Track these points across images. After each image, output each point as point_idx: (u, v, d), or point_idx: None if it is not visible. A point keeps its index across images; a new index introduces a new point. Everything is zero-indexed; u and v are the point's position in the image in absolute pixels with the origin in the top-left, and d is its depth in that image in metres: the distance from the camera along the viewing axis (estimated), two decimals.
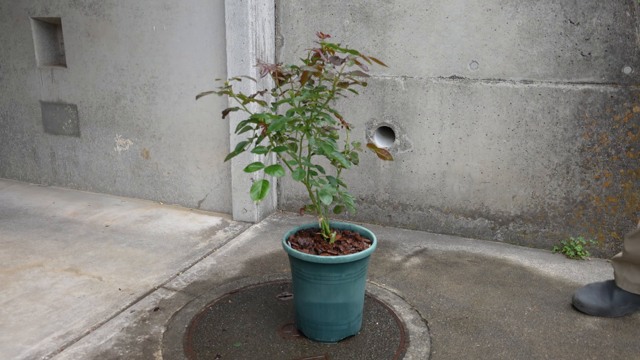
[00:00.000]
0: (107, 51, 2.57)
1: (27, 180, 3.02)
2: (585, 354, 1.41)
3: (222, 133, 2.41)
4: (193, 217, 2.46)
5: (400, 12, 2.14)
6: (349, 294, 1.41)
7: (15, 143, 2.99)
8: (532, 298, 1.71)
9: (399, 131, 2.24)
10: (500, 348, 1.44)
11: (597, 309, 1.60)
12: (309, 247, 1.45)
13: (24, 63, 2.81)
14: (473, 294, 1.74)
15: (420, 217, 2.30)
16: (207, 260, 2.00)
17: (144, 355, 1.39)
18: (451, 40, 2.09)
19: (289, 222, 2.40)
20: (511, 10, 1.98)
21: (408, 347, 1.43)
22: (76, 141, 2.79)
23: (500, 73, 2.04)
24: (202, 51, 2.35)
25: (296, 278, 1.44)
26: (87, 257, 2.01)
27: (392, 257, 2.02)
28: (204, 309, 1.63)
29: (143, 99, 2.55)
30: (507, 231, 2.17)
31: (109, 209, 2.57)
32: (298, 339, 1.47)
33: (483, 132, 2.11)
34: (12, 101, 2.91)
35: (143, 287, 1.78)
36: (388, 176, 2.31)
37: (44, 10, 2.67)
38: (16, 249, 2.08)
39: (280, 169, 1.27)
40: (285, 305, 1.65)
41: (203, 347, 1.43)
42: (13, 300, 1.68)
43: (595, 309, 1.61)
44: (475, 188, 2.18)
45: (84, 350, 1.42)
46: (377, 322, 1.56)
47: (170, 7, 2.37)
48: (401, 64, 2.18)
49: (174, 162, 2.57)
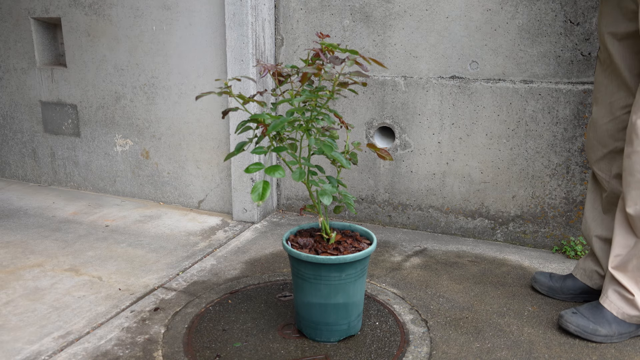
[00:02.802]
0: (107, 51, 2.57)
1: (27, 180, 3.02)
2: (585, 354, 1.41)
3: (222, 133, 2.41)
4: (193, 217, 2.46)
5: (400, 12, 2.14)
6: (349, 294, 1.41)
7: (15, 143, 2.99)
8: (532, 298, 1.71)
9: (399, 131, 2.24)
10: (500, 348, 1.44)
11: (547, 287, 1.72)
12: (309, 247, 1.45)
13: (24, 63, 2.81)
14: (473, 294, 1.74)
15: (420, 217, 2.30)
16: (207, 260, 2.00)
17: (144, 355, 1.39)
18: (451, 40, 2.09)
19: (289, 222, 2.40)
20: (511, 10, 1.98)
21: (408, 347, 1.43)
22: (76, 141, 2.79)
23: (500, 73, 2.04)
24: (202, 51, 2.35)
25: (296, 278, 1.44)
26: (87, 257, 2.01)
27: (392, 257, 2.02)
28: (204, 309, 1.63)
29: (143, 99, 2.55)
30: (507, 231, 2.17)
31: (109, 209, 2.57)
32: (298, 339, 1.47)
33: (483, 132, 2.11)
34: (12, 101, 2.91)
35: (143, 287, 1.78)
36: (388, 176, 2.31)
37: (44, 10, 2.67)
38: (16, 249, 2.08)
39: (281, 170, 1.27)
40: (285, 305, 1.65)
41: (203, 347, 1.43)
42: (13, 300, 1.68)
43: (545, 286, 1.72)
44: (475, 188, 2.18)
45: (84, 350, 1.42)
46: (377, 322, 1.56)
47: (170, 7, 2.37)
48: (401, 64, 2.18)
49: (174, 162, 2.57)
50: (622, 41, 1.45)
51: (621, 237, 1.46)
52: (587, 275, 1.67)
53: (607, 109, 1.53)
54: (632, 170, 1.38)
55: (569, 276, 1.72)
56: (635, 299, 1.43)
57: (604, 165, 1.58)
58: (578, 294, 1.69)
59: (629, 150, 1.39)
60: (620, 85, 1.49)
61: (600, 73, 1.55)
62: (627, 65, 1.46)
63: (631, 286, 1.43)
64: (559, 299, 1.71)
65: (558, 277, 1.73)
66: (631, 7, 1.40)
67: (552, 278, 1.73)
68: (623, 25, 1.44)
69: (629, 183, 1.40)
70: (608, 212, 1.62)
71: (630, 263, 1.43)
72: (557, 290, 1.71)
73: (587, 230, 1.67)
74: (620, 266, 1.46)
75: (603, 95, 1.54)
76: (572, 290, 1.69)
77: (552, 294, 1.72)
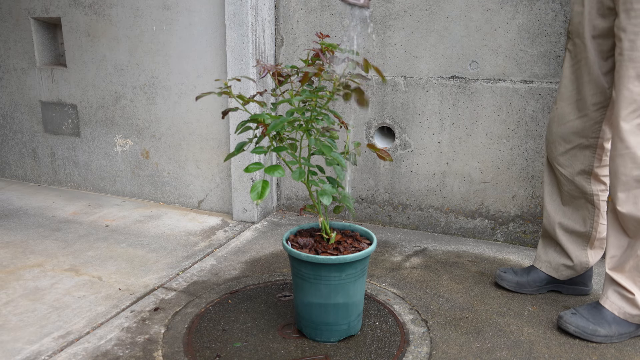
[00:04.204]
0: (107, 51, 2.57)
1: (27, 180, 3.02)
2: (585, 354, 1.41)
3: (222, 133, 2.41)
4: (193, 217, 2.46)
5: (400, 12, 2.14)
6: (349, 294, 1.41)
7: (15, 143, 2.99)
8: (532, 298, 1.71)
9: (399, 131, 2.25)
10: (500, 348, 1.44)
11: (515, 282, 1.73)
12: (309, 247, 1.45)
13: (24, 63, 2.81)
14: (473, 294, 1.74)
15: (420, 217, 2.30)
16: (207, 260, 2.00)
17: (144, 355, 1.39)
18: (451, 40, 2.09)
19: (289, 222, 2.40)
20: (511, 10, 1.98)
21: (408, 347, 1.43)
22: (76, 141, 2.79)
23: (500, 73, 2.04)
24: (202, 51, 2.35)
25: (296, 278, 1.44)
26: (87, 257, 2.01)
27: (392, 257, 2.02)
28: (204, 309, 1.63)
29: (143, 99, 2.55)
30: (507, 231, 2.17)
31: (109, 209, 2.57)
32: (298, 339, 1.47)
33: (483, 132, 2.11)
34: (12, 101, 2.92)
35: (143, 287, 1.78)
36: (388, 176, 2.31)
37: (44, 10, 2.67)
38: (16, 249, 2.08)
39: (280, 169, 1.27)
40: (285, 305, 1.65)
41: (203, 347, 1.43)
42: (13, 300, 1.68)
43: (513, 282, 1.73)
44: (475, 188, 2.18)
45: (84, 350, 1.42)
46: (377, 322, 1.56)
47: (170, 7, 2.37)
48: (401, 64, 2.18)
49: (174, 162, 2.57)
50: (596, 38, 1.45)
51: (614, 238, 1.47)
52: (553, 268, 1.70)
53: (575, 106, 1.53)
54: (617, 172, 1.39)
55: (532, 268, 1.75)
56: (635, 298, 1.43)
57: (565, 160, 1.59)
58: (544, 284, 1.72)
59: (614, 154, 1.40)
60: (591, 81, 1.48)
61: (569, 68, 1.54)
62: (599, 61, 1.45)
63: (630, 286, 1.44)
64: (526, 292, 1.73)
65: (521, 271, 1.75)
66: (607, 3, 1.40)
67: (517, 273, 1.75)
68: (598, 20, 1.43)
69: (615, 185, 1.41)
70: (568, 204, 1.65)
71: (627, 264, 1.44)
72: (524, 285, 1.73)
73: (550, 220, 1.69)
74: (618, 267, 1.46)
75: (570, 91, 1.54)
76: (537, 283, 1.72)
77: (519, 289, 1.73)
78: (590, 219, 1.61)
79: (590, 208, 1.60)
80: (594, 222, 1.61)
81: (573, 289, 1.72)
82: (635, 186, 1.37)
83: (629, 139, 1.35)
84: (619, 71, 1.35)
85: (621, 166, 1.38)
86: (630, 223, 1.41)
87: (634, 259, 1.42)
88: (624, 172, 1.38)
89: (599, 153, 1.54)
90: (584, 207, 1.61)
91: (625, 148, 1.35)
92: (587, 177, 1.57)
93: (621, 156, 1.37)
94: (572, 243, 1.65)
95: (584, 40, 1.46)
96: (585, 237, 1.63)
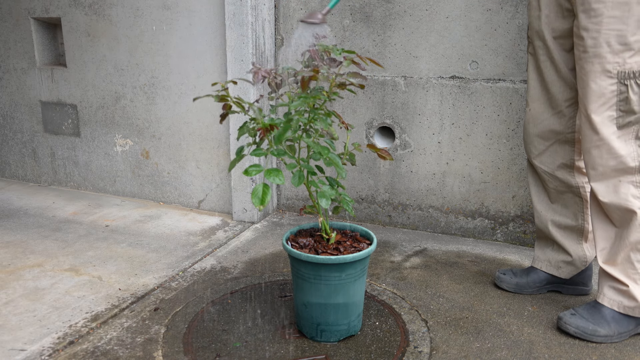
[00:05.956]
0: (107, 51, 2.57)
1: (27, 180, 3.02)
2: (585, 354, 1.42)
3: (222, 133, 2.41)
4: (193, 217, 2.46)
5: (400, 12, 2.14)
6: (349, 294, 1.41)
7: (15, 143, 2.99)
8: (532, 298, 1.71)
9: (399, 131, 2.25)
10: (500, 348, 1.44)
11: (514, 284, 1.73)
12: (309, 247, 1.45)
13: (24, 63, 2.81)
14: (473, 294, 1.74)
15: (420, 217, 2.30)
16: (207, 260, 2.00)
17: (144, 355, 1.39)
18: (451, 40, 2.09)
19: (289, 222, 2.40)
20: (511, 10, 1.98)
21: (408, 347, 1.43)
22: (76, 141, 2.79)
23: (500, 73, 2.04)
24: (202, 51, 2.35)
25: (296, 278, 1.44)
26: (87, 257, 2.01)
27: (392, 257, 2.02)
28: (203, 309, 1.63)
29: (143, 99, 2.55)
30: (507, 231, 2.17)
31: (109, 209, 2.57)
32: (298, 339, 1.47)
33: (483, 132, 2.11)
34: (12, 101, 2.92)
35: (143, 287, 1.78)
36: (388, 176, 2.31)
37: (44, 10, 2.67)
38: (16, 248, 2.08)
39: (280, 175, 1.27)
40: (285, 305, 1.65)
41: (203, 347, 1.43)
42: (13, 300, 1.68)
43: (512, 284, 1.73)
44: (475, 188, 2.18)
45: (84, 350, 1.42)
46: (377, 322, 1.56)
47: (170, 7, 2.37)
48: (401, 64, 2.18)
49: (174, 162, 2.57)
50: (557, 39, 1.49)
51: (601, 230, 1.49)
52: (554, 266, 1.70)
53: (547, 104, 1.56)
54: (595, 164, 1.42)
55: (531, 269, 1.75)
56: (630, 289, 1.44)
57: (546, 158, 1.61)
58: (544, 285, 1.73)
59: (588, 146, 1.42)
60: (559, 79, 1.52)
61: (533, 70, 1.58)
62: (565, 60, 1.49)
63: (623, 278, 1.45)
64: (526, 293, 1.73)
65: (521, 272, 1.76)
66: (565, 5, 1.44)
67: (517, 274, 1.75)
68: (558, 22, 1.47)
69: (593, 177, 1.44)
70: (556, 201, 1.66)
71: (618, 256, 1.45)
72: (524, 286, 1.73)
73: (541, 219, 1.70)
74: (610, 260, 1.48)
75: (540, 92, 1.57)
76: (537, 283, 1.72)
77: (519, 290, 1.74)
78: (580, 211, 1.63)
79: (578, 201, 1.62)
80: (585, 214, 1.63)
81: (573, 289, 1.72)
82: (614, 175, 1.40)
83: (602, 130, 1.38)
84: (584, 67, 1.39)
85: (597, 157, 1.41)
86: (614, 212, 1.43)
87: (624, 250, 1.44)
88: (600, 162, 1.41)
89: (578, 147, 1.57)
90: (572, 201, 1.63)
91: (600, 140, 1.39)
92: (569, 170, 1.60)
93: (597, 147, 1.40)
94: (567, 239, 1.67)
95: (545, 43, 1.51)
96: (579, 230, 1.65)
